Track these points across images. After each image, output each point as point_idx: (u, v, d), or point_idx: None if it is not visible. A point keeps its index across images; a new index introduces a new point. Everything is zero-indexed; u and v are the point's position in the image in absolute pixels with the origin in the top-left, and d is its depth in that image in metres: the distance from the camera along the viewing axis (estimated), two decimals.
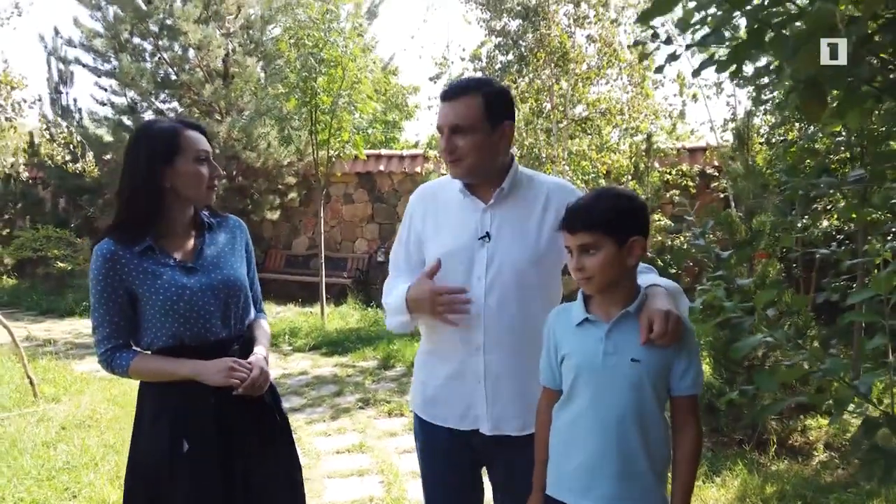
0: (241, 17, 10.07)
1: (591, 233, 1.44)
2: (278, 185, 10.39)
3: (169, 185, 1.77)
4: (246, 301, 1.91)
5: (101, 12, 9.77)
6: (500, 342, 1.72)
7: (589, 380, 1.49)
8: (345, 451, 4.14)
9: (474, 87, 1.73)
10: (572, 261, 1.48)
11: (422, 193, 1.94)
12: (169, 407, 1.77)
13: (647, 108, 7.44)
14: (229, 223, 1.98)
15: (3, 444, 3.90)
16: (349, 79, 7.69)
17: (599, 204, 1.47)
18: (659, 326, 1.41)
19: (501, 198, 1.77)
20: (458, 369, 1.78)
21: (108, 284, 1.73)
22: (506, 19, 6.88)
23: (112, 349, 1.77)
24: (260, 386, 1.77)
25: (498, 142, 1.74)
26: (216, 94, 9.69)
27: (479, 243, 1.75)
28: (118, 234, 1.77)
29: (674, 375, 1.48)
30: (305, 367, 6.29)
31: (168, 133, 1.77)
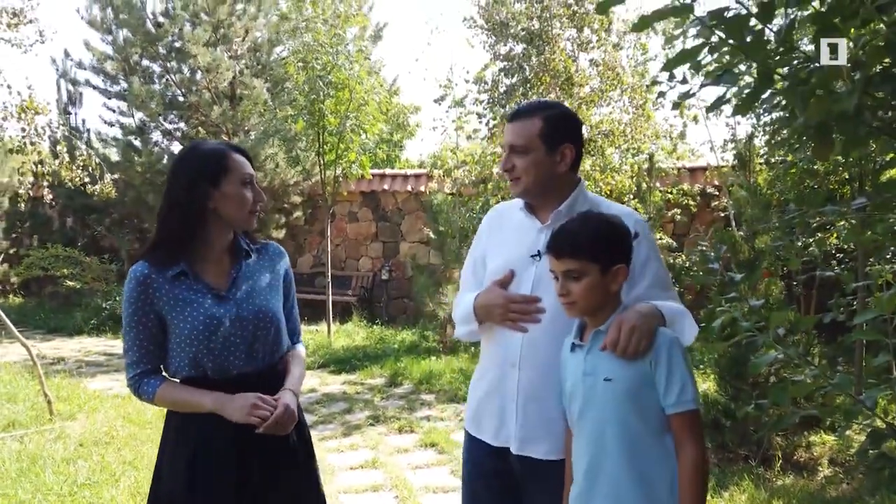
0: (248, 39, 10.26)
1: (577, 259, 1.46)
2: (284, 204, 10.52)
3: (213, 206, 1.73)
4: (277, 334, 1.83)
5: (112, 35, 9.97)
6: (536, 361, 1.72)
7: (576, 403, 1.51)
8: (358, 466, 4.21)
9: (536, 109, 1.79)
10: (557, 285, 1.51)
11: (492, 213, 2.01)
12: (190, 437, 1.73)
13: (649, 128, 7.60)
14: (269, 250, 1.92)
15: (23, 461, 3.97)
16: (356, 101, 7.85)
17: (585, 230, 1.48)
18: (611, 334, 1.44)
19: (559, 219, 1.73)
20: (496, 384, 1.80)
21: (139, 308, 1.70)
22: (510, 44, 7.05)
23: (141, 374, 1.74)
24: (284, 425, 1.71)
25: (557, 163, 1.76)
26: (224, 116, 9.85)
27: (531, 261, 1.77)
28: (154, 256, 1.73)
29: (658, 392, 1.43)
30: (314, 384, 6.37)
31: (216, 154, 1.75)
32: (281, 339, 1.86)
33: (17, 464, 3.92)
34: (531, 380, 1.72)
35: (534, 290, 1.73)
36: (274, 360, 1.84)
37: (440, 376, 6.32)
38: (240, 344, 1.74)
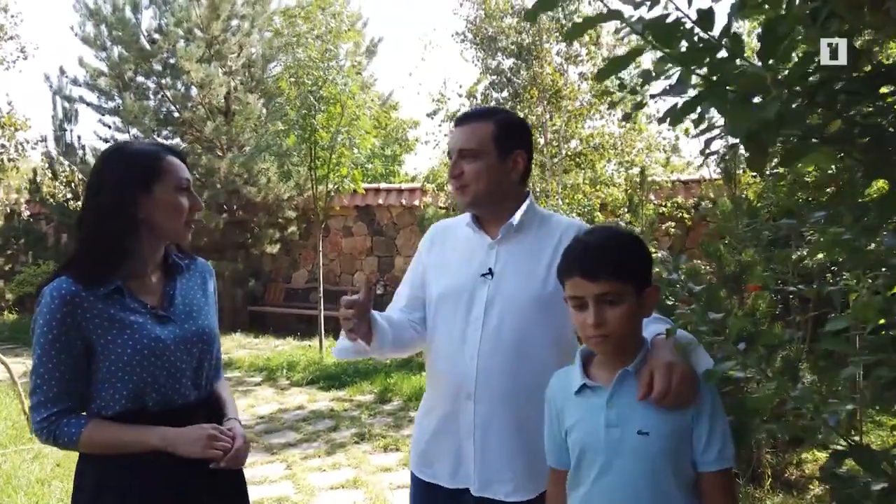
0: (242, 55, 10.30)
1: (617, 280, 1.22)
2: (278, 218, 10.50)
3: (143, 215, 1.50)
4: (219, 357, 1.67)
5: (106, 52, 10.01)
6: (494, 391, 1.54)
7: (594, 458, 1.25)
8: (339, 486, 4.13)
9: (487, 113, 1.66)
10: (588, 314, 1.23)
11: (434, 229, 1.84)
12: (112, 483, 1.46)
13: (641, 141, 7.58)
14: (198, 266, 1.72)
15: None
16: (348, 116, 7.85)
17: (621, 244, 1.27)
18: (660, 383, 1.19)
19: (510, 233, 1.64)
20: (450, 420, 1.61)
21: (63, 333, 1.42)
22: (500, 58, 7.05)
23: (58, 414, 1.44)
24: (242, 458, 1.54)
25: (508, 172, 1.63)
26: (217, 131, 9.86)
27: (481, 281, 1.61)
28: (79, 272, 1.47)
29: (696, 446, 1.23)
30: (302, 401, 6.29)
31: (148, 155, 1.53)
32: (219, 364, 1.70)
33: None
34: (490, 413, 1.55)
35: (486, 312, 1.58)
36: (214, 386, 1.66)
37: None
38: (185, 369, 1.53)
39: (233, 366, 7.83)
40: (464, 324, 1.61)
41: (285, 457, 4.68)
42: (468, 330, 1.59)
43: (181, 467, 1.46)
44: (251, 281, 10.73)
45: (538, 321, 1.57)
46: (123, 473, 1.46)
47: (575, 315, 1.27)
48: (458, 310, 1.62)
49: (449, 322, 1.64)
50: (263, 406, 6.12)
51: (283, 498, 3.93)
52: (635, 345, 1.28)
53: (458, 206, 1.69)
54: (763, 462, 4.09)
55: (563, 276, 1.29)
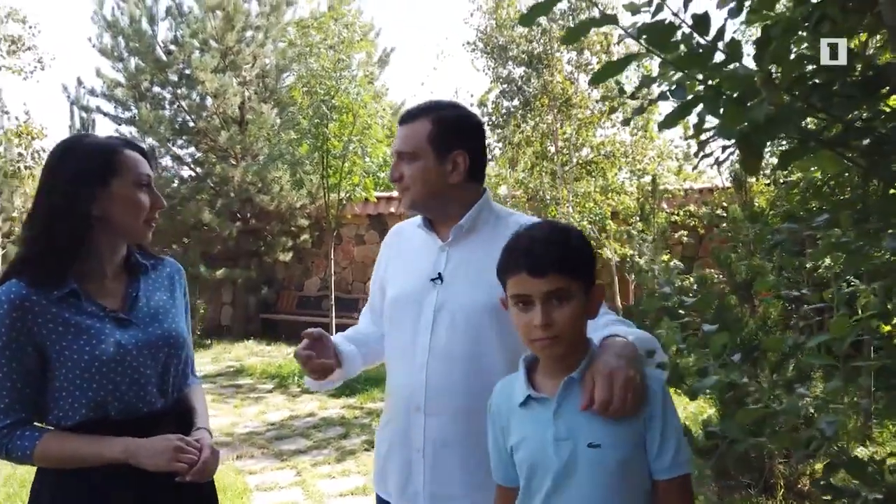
0: (256, 66, 10.42)
1: (566, 277, 1.13)
2: (291, 227, 10.58)
3: (99, 212, 1.40)
4: (185, 363, 1.57)
5: (123, 63, 10.18)
6: (444, 403, 1.46)
7: (544, 475, 1.15)
8: (348, 493, 4.14)
9: (426, 110, 1.55)
10: (535, 314, 1.13)
11: (391, 233, 1.78)
12: (71, 499, 1.38)
13: (653, 149, 7.56)
14: (166, 266, 1.62)
15: None
16: (360, 125, 7.91)
17: (566, 239, 1.18)
18: (601, 392, 1.10)
19: (460, 235, 1.54)
20: (399, 435, 1.53)
21: (13, 339, 1.33)
22: (511, 67, 7.08)
23: (10, 426, 1.34)
24: (210, 470, 1.43)
25: (448, 173, 1.52)
26: (232, 140, 9.98)
27: (430, 286, 1.52)
28: (30, 274, 1.36)
29: (649, 452, 1.15)
30: (313, 408, 6.32)
31: (104, 148, 1.43)
32: (188, 370, 1.61)
33: None
34: (440, 426, 1.46)
35: (436, 318, 1.49)
36: (183, 393, 1.57)
37: None
38: (150, 375, 1.44)
39: (245, 373, 7.88)
40: (413, 332, 1.52)
41: (295, 463, 4.69)
42: (417, 338, 1.50)
43: (145, 480, 1.36)
44: (264, 288, 10.80)
45: (491, 328, 1.46)
46: (81, 488, 1.36)
47: (518, 316, 1.17)
48: (407, 316, 1.53)
49: (399, 330, 1.57)
50: (274, 413, 6.15)
51: None
52: (581, 349, 1.19)
53: (403, 206, 1.65)
54: (775, 472, 4.04)
55: (506, 273, 1.19)
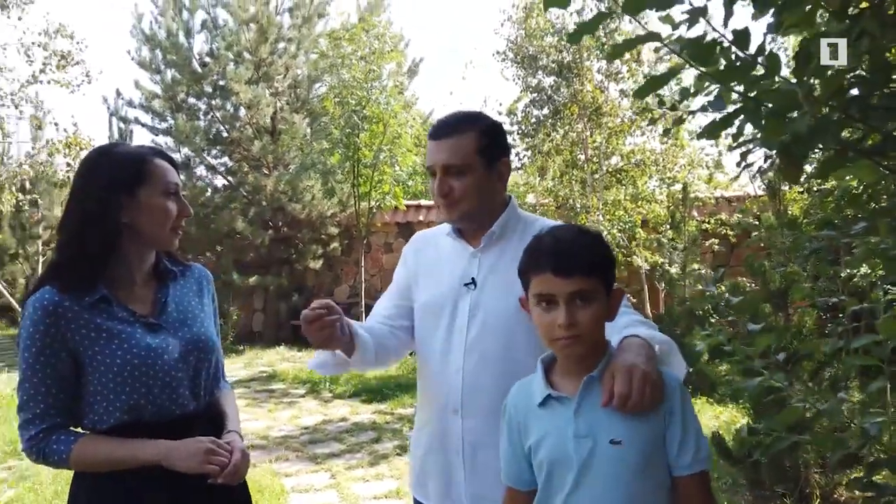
0: (288, 77, 10.64)
1: (590, 277, 1.17)
2: (321, 235, 10.74)
3: (128, 219, 1.44)
4: (217, 365, 1.59)
5: (160, 75, 10.47)
6: (481, 405, 1.49)
7: (565, 473, 1.17)
8: (382, 496, 4.21)
9: (466, 122, 1.57)
10: (559, 314, 1.16)
11: (415, 240, 1.81)
12: (107, 501, 1.41)
13: (683, 157, 7.55)
14: (194, 272, 1.65)
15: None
16: (390, 134, 8.04)
17: (591, 242, 1.21)
18: (621, 386, 1.13)
19: (492, 242, 1.59)
20: (437, 438, 1.56)
21: (47, 346, 1.36)
22: (540, 76, 7.14)
23: (47, 430, 1.38)
24: (242, 473, 1.45)
25: (496, 181, 1.58)
26: (264, 150, 10.19)
27: (464, 291, 1.56)
28: (63, 281, 1.40)
29: (670, 450, 1.17)
30: (345, 413, 6.40)
31: (133, 158, 1.47)
32: (220, 372, 1.63)
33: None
34: (478, 427, 1.49)
35: (470, 321, 1.53)
36: (214, 396, 1.60)
37: None
38: (182, 379, 1.46)
39: (277, 378, 8.01)
40: (447, 335, 1.56)
41: (329, 466, 4.78)
42: (452, 341, 1.55)
43: (178, 482, 1.39)
44: (294, 295, 10.97)
45: (523, 331, 1.49)
46: (117, 490, 1.39)
47: (541, 315, 1.19)
48: (441, 321, 1.57)
49: (432, 334, 1.60)
50: (308, 417, 6.25)
51: None
52: (600, 349, 1.22)
53: (445, 220, 1.65)
54: (811, 482, 4.00)
55: (530, 272, 1.21)
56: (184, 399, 1.47)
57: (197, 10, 10.59)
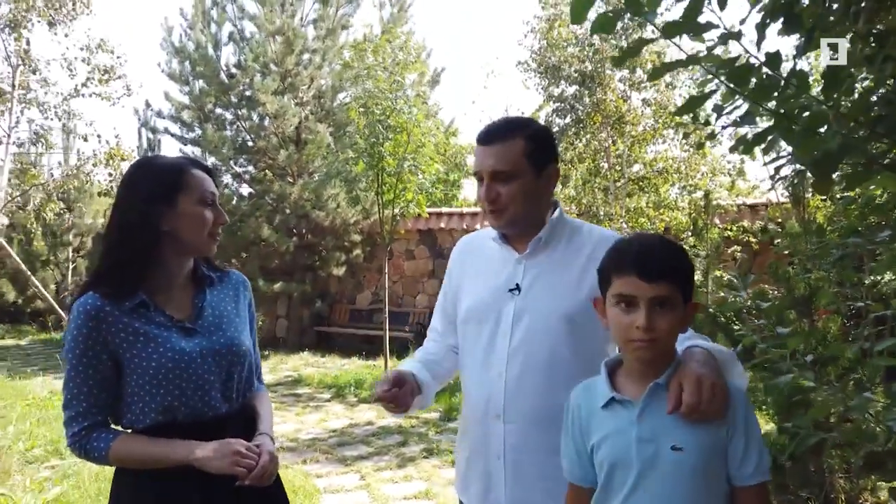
0: (313, 87, 10.84)
1: (671, 284, 1.18)
2: (344, 242, 10.90)
3: (167, 227, 1.51)
4: (250, 370, 1.65)
5: (189, 86, 10.72)
6: (523, 410, 1.50)
7: (625, 475, 1.20)
8: (412, 496, 4.31)
9: (514, 127, 1.57)
10: (638, 316, 1.17)
11: (460, 245, 1.81)
12: (148, 497, 1.48)
13: (705, 165, 7.59)
14: (231, 279, 1.72)
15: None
16: (413, 143, 8.17)
17: (677, 252, 1.23)
18: (690, 395, 1.14)
19: (539, 248, 1.58)
20: (480, 442, 1.56)
21: (90, 348, 1.44)
22: (563, 85, 7.24)
23: (88, 428, 1.47)
24: (269, 475, 1.49)
25: (544, 187, 1.58)
26: (289, 159, 10.38)
27: (508, 296, 1.56)
28: (105, 286, 1.48)
29: (732, 461, 1.18)
30: (371, 417, 6.52)
31: (173, 168, 1.55)
32: (253, 376, 1.69)
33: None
34: (519, 433, 1.50)
35: (514, 327, 1.54)
36: (247, 399, 1.66)
37: None
38: (214, 382, 1.52)
39: (303, 382, 8.16)
40: (490, 340, 1.57)
41: (359, 468, 4.89)
42: (495, 347, 1.55)
43: (210, 483, 1.45)
44: (318, 302, 11.14)
45: (568, 338, 1.51)
46: (154, 488, 1.47)
47: (619, 316, 1.21)
48: (485, 326, 1.58)
49: (475, 339, 1.60)
50: (335, 421, 6.38)
51: None
52: (669, 357, 1.24)
53: (492, 226, 1.65)
54: (836, 487, 4.03)
55: (613, 272, 1.23)
56: (215, 401, 1.52)
57: (224, 22, 10.85)
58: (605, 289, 1.27)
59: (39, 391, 7.22)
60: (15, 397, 6.77)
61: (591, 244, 1.59)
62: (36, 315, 12.81)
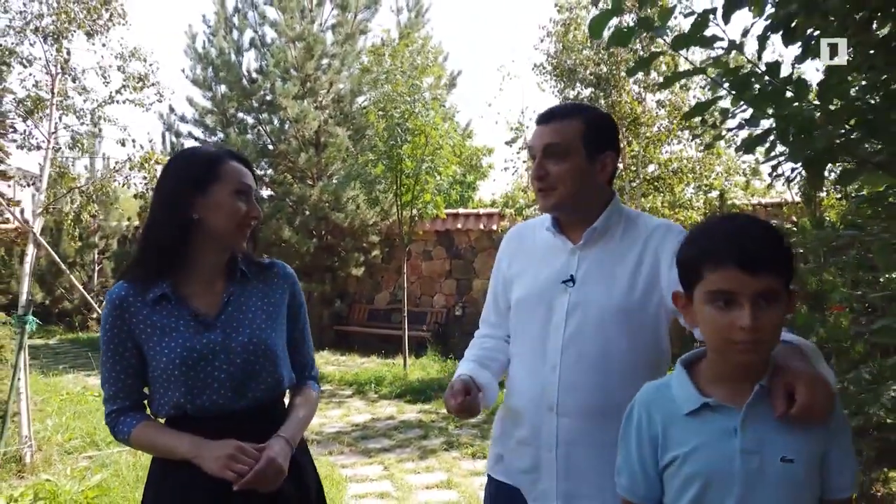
0: (332, 91, 11.06)
1: (777, 277, 1.02)
2: (363, 243, 11.11)
3: (197, 216, 1.49)
4: (273, 370, 1.56)
5: (212, 92, 10.99)
6: (577, 403, 1.47)
7: (725, 491, 1.05)
8: (434, 486, 4.47)
9: (574, 110, 1.55)
10: (742, 315, 1.00)
11: (512, 234, 1.77)
12: (167, 487, 1.49)
13: (719, 165, 7.69)
14: (273, 271, 1.66)
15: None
16: (431, 145, 8.35)
17: (776, 234, 1.05)
18: (806, 396, 1.02)
19: (593, 238, 1.54)
20: (530, 433, 1.54)
21: (116, 335, 1.48)
22: (579, 88, 7.38)
23: (118, 411, 1.51)
24: (267, 480, 1.42)
25: (596, 174, 1.53)
26: (309, 162, 10.61)
27: (562, 287, 1.52)
28: (134, 276, 1.50)
29: (831, 470, 1.06)
30: (392, 412, 6.70)
31: (208, 158, 1.53)
32: (279, 376, 1.59)
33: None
34: (573, 426, 1.47)
35: (567, 319, 1.50)
36: (270, 398, 1.58)
37: None
38: (225, 380, 1.49)
39: (324, 380, 8.35)
40: (543, 332, 1.53)
41: (382, 459, 5.07)
42: (548, 338, 1.52)
43: (224, 482, 1.41)
44: (337, 302, 11.35)
45: (622, 331, 1.47)
46: (175, 478, 1.47)
47: (716, 315, 1.04)
48: (537, 317, 1.55)
49: (528, 329, 1.58)
50: (357, 416, 6.56)
51: (385, 494, 4.30)
52: (769, 355, 1.08)
53: (540, 208, 1.64)
54: None
55: (705, 264, 1.05)
56: (224, 399, 1.48)
57: (245, 28, 11.11)
58: (691, 282, 1.09)
59: (72, 387, 7.49)
60: (50, 393, 7.03)
61: (644, 233, 1.54)
62: (63, 315, 13.15)
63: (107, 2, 4.58)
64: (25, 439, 4.58)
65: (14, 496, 3.82)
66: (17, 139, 5.17)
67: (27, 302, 4.63)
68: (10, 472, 4.44)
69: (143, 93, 5.23)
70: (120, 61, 5.07)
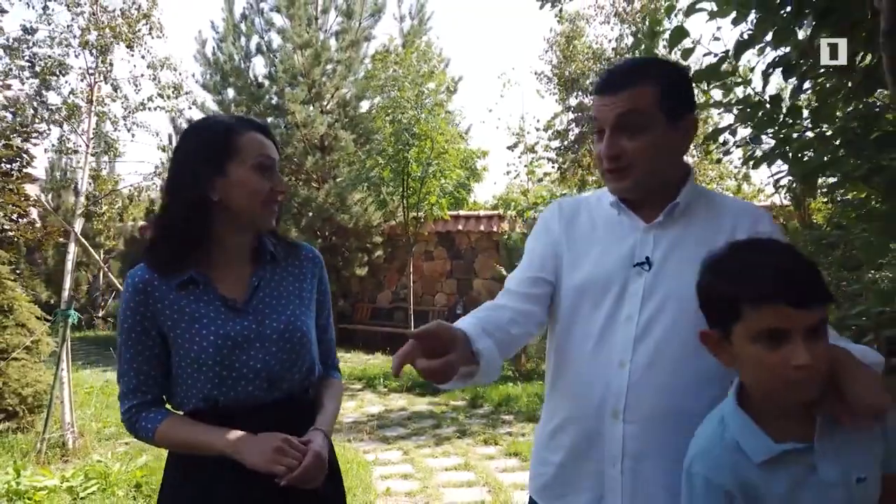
0: (337, 96, 11.38)
1: (824, 306, 0.97)
2: (366, 244, 11.43)
3: (217, 198, 1.37)
4: (307, 357, 1.47)
5: (221, 96, 11.28)
6: (649, 408, 1.23)
7: None
8: (452, 468, 4.81)
9: (643, 70, 1.27)
10: (797, 351, 0.94)
11: (562, 208, 1.45)
12: (193, 475, 1.39)
13: (714, 169, 8.09)
14: (300, 254, 1.54)
15: None
16: (436, 149, 8.70)
17: (811, 260, 1.00)
18: (873, 394, 0.96)
19: (674, 216, 1.30)
20: (587, 442, 1.29)
21: (138, 323, 1.36)
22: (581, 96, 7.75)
23: (138, 406, 1.39)
24: (314, 476, 1.34)
25: (680, 142, 1.29)
26: (316, 165, 10.92)
27: (635, 272, 1.28)
28: (156, 258, 1.38)
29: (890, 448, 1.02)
30: (403, 404, 7.03)
31: (220, 130, 1.38)
32: (312, 364, 1.50)
33: None
34: (643, 435, 1.23)
35: (643, 308, 1.26)
36: (302, 388, 1.48)
37: (517, 399, 6.88)
38: (260, 369, 1.39)
39: None
40: (610, 323, 1.29)
41: (400, 445, 5.40)
42: (617, 331, 1.27)
43: (257, 475, 1.31)
44: (341, 301, 11.66)
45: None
46: (200, 477, 1.38)
47: (764, 355, 0.96)
48: (603, 306, 1.30)
49: (587, 319, 1.32)
50: (371, 407, 6.89)
51: (408, 475, 4.64)
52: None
53: (612, 191, 1.34)
54: None
55: (746, 301, 0.97)
56: (258, 389, 1.39)
57: (252, 35, 11.41)
58: (728, 321, 1.01)
59: (94, 381, 7.76)
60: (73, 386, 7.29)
61: (731, 216, 1.30)
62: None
63: (147, 16, 4.89)
64: (68, 426, 4.88)
65: (66, 476, 4.12)
66: (47, 144, 5.46)
67: (69, 297, 4.94)
68: (56, 456, 4.74)
69: (177, 101, 5.54)
70: (151, 70, 5.38)
